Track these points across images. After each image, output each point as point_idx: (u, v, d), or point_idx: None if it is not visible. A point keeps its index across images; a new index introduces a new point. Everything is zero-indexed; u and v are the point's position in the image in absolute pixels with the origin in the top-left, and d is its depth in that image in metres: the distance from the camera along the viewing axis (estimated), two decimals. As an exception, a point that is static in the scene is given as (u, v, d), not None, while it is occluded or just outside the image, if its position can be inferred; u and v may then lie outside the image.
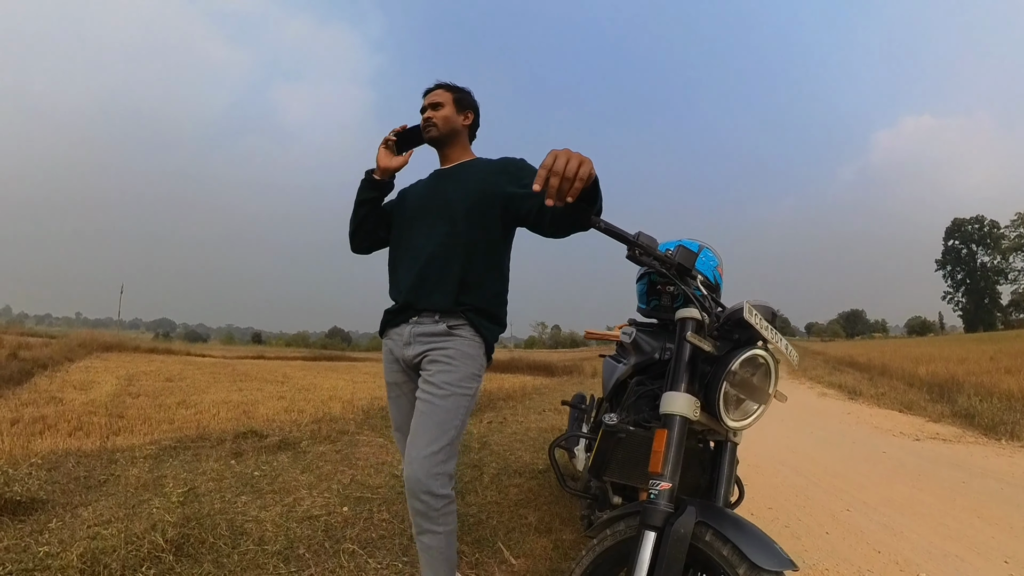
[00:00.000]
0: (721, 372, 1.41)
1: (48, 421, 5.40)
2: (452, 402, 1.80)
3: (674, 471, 1.35)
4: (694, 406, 1.42)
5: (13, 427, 4.99)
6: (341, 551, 2.58)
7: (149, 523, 2.55)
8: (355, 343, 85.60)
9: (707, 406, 1.44)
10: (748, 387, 1.46)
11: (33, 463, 3.57)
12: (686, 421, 1.40)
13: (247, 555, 2.47)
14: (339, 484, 3.56)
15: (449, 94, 2.06)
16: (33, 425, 5.17)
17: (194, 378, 11.10)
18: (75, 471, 3.52)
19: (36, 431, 4.98)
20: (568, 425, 3.36)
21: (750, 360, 1.44)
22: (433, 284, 1.89)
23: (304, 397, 8.92)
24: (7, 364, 9.18)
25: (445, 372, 1.82)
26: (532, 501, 3.31)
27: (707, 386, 1.45)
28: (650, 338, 1.83)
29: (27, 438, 4.61)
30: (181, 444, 4.43)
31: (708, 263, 1.91)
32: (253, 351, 31.09)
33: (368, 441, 4.89)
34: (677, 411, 1.40)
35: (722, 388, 1.40)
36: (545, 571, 2.47)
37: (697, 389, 1.46)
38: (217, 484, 3.42)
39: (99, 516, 2.75)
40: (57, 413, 5.84)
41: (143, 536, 2.41)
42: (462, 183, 1.97)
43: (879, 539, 2.92)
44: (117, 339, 20.04)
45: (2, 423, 5.07)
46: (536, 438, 5.27)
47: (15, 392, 7.23)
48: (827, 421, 6.38)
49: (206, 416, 6.53)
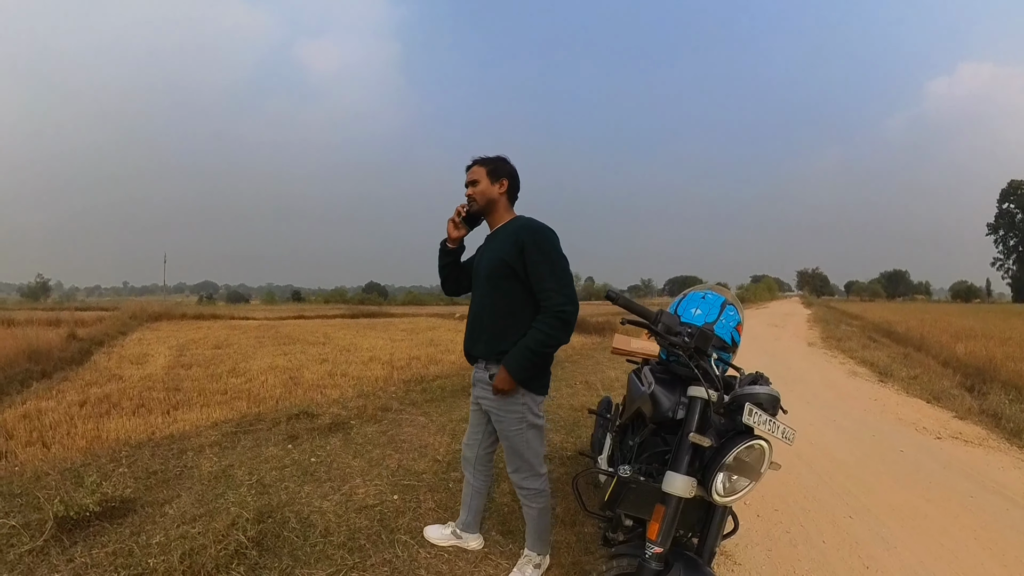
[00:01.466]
0: (717, 462, 1.66)
1: (112, 400, 5.92)
2: (511, 442, 2.40)
3: (666, 539, 1.69)
4: (691, 486, 1.69)
5: (82, 409, 5.50)
6: (395, 541, 2.93)
7: (229, 519, 2.93)
8: (391, 297, 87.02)
9: (703, 482, 1.70)
10: (742, 467, 1.69)
11: (113, 457, 4.03)
12: (682, 500, 1.70)
13: (316, 547, 2.83)
14: (388, 470, 3.92)
15: (483, 169, 2.41)
16: (99, 405, 5.69)
17: (240, 344, 11.71)
18: (151, 464, 3.94)
19: (103, 411, 5.49)
20: (593, 431, 3.56)
21: (746, 448, 1.67)
22: (477, 337, 2.43)
23: (346, 359, 9.43)
24: (67, 345, 9.80)
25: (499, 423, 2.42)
26: (559, 491, 3.58)
27: (705, 467, 1.70)
28: (668, 391, 1.96)
29: (96, 420, 5.11)
30: (240, 428, 4.85)
31: (728, 324, 2.00)
32: (294, 310, 32.19)
33: (411, 420, 5.26)
34: (675, 492, 1.69)
35: (717, 477, 1.66)
36: (568, 563, 2.77)
37: (696, 469, 1.73)
38: (280, 473, 3.81)
39: (183, 514, 3.12)
40: (119, 391, 6.37)
41: (227, 534, 2.79)
42: (492, 250, 2.39)
43: (872, 553, 2.95)
44: (164, 307, 21.16)
45: (72, 406, 5.58)
46: (566, 417, 5.51)
47: (78, 372, 7.81)
48: (852, 408, 6.28)
49: (256, 384, 7.03)
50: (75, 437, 4.54)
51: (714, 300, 2.07)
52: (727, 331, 1.99)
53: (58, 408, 5.44)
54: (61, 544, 2.75)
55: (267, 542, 2.82)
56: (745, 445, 1.65)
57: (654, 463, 1.94)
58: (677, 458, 1.72)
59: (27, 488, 3.39)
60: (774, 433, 1.66)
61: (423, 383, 7.05)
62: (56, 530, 2.81)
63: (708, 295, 2.10)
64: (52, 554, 2.67)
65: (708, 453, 1.71)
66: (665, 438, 1.98)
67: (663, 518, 1.69)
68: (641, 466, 1.94)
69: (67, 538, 2.80)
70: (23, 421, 4.94)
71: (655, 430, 2.02)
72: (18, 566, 2.56)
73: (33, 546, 2.70)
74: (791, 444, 1.71)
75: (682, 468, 1.70)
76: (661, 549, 1.68)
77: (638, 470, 1.90)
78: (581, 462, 4.12)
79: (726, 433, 1.75)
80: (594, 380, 7.52)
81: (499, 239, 2.37)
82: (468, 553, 2.85)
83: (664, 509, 1.70)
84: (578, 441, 4.71)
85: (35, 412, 5.25)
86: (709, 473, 1.67)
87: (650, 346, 3.05)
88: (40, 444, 4.39)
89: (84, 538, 2.82)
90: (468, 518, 2.88)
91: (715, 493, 1.67)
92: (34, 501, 3.18)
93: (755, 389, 1.71)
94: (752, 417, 1.63)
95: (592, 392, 6.78)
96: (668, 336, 1.82)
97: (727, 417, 1.74)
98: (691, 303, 2.09)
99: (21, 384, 6.73)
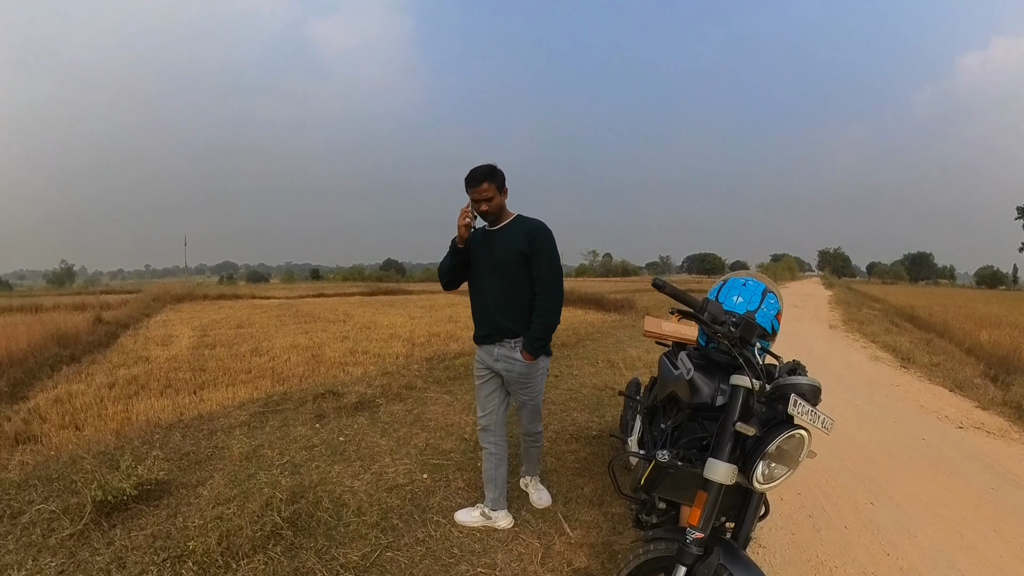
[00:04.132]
0: (759, 451, 1.67)
1: (140, 382, 6.02)
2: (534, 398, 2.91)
3: (707, 524, 1.70)
4: (732, 473, 1.70)
5: (111, 391, 5.60)
6: (428, 520, 2.95)
7: (263, 500, 2.95)
8: (409, 274, 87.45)
9: (743, 469, 1.71)
10: (782, 456, 1.70)
11: (146, 439, 4.08)
12: (723, 487, 1.71)
13: (350, 527, 2.85)
14: (416, 449, 3.93)
15: (492, 185, 2.66)
16: (128, 387, 5.78)
17: (262, 323, 11.84)
18: (183, 445, 3.99)
19: (132, 392, 5.59)
20: (622, 413, 3.55)
21: (787, 438, 1.67)
22: (504, 316, 2.75)
23: (367, 336, 9.49)
24: (94, 329, 9.98)
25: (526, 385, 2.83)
26: (587, 471, 3.59)
27: (747, 455, 1.71)
28: (707, 378, 1.95)
29: (126, 401, 5.20)
30: (268, 408, 4.89)
31: (769, 312, 1.97)
32: (313, 288, 32.57)
33: (435, 399, 5.27)
34: (717, 479, 1.69)
35: (759, 465, 1.66)
36: (598, 542, 2.77)
37: (738, 456, 1.73)
38: (309, 453, 3.84)
39: (218, 496, 3.16)
40: (147, 372, 6.47)
41: (262, 515, 2.81)
42: (506, 243, 2.72)
43: (892, 540, 2.93)
44: (186, 289, 21.45)
45: (101, 388, 5.68)
46: (589, 396, 5.49)
47: (106, 355, 7.94)
48: (874, 393, 6.16)
49: (279, 363, 7.11)
50: (106, 419, 4.62)
51: (755, 287, 2.03)
52: (768, 320, 1.96)
53: (88, 391, 5.53)
54: (100, 528, 2.80)
55: (301, 522, 2.84)
56: (787, 435, 1.67)
57: (692, 448, 1.94)
58: (719, 445, 1.73)
59: (63, 472, 3.45)
60: (815, 423, 1.69)
61: (445, 360, 7.04)
62: (95, 514, 2.85)
63: (749, 282, 2.06)
64: (93, 538, 2.71)
65: (750, 442, 1.72)
66: (703, 424, 1.98)
67: (704, 504, 1.71)
68: (679, 451, 1.93)
69: (106, 522, 2.84)
70: (55, 405, 5.03)
71: (691, 415, 2.01)
72: (60, 551, 2.60)
73: (74, 530, 2.75)
74: (829, 434, 1.72)
75: (724, 455, 1.71)
76: (702, 535, 1.70)
77: (676, 455, 1.89)
78: (607, 442, 4.11)
79: (767, 422, 1.76)
80: (616, 359, 7.42)
81: (509, 234, 2.73)
82: (499, 532, 2.86)
83: (706, 496, 1.71)
84: (602, 421, 4.69)
85: (66, 396, 5.35)
86: (751, 461, 1.68)
87: (681, 329, 3.02)
88: (73, 427, 4.47)
89: (122, 521, 2.87)
90: (495, 494, 2.92)
91: (756, 481, 1.68)
92: (71, 486, 3.23)
93: (798, 379, 1.74)
94: (796, 408, 1.66)
95: (615, 371, 6.69)
96: (714, 325, 1.82)
97: (768, 406, 1.77)
98: (732, 290, 2.05)
99: (51, 368, 6.87)
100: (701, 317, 1.85)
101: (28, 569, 2.47)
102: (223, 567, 2.46)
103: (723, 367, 1.92)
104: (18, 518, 2.91)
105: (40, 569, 2.47)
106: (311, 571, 2.47)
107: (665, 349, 2.58)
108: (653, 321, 3.27)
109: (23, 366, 6.76)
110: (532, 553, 2.68)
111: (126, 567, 2.49)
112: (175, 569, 2.46)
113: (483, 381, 2.91)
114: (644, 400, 2.87)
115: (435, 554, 2.65)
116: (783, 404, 1.70)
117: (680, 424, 2.07)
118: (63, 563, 2.51)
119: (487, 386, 2.90)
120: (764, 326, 1.91)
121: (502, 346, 2.78)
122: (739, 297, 2.00)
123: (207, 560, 2.48)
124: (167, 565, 2.49)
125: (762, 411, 1.78)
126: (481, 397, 2.93)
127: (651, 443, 2.37)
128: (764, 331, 1.90)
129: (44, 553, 2.59)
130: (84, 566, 2.49)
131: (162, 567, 2.48)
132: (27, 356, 7.18)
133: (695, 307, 1.88)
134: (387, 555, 2.63)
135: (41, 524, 2.83)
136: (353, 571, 2.49)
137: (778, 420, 1.75)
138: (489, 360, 2.84)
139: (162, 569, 2.47)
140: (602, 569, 2.55)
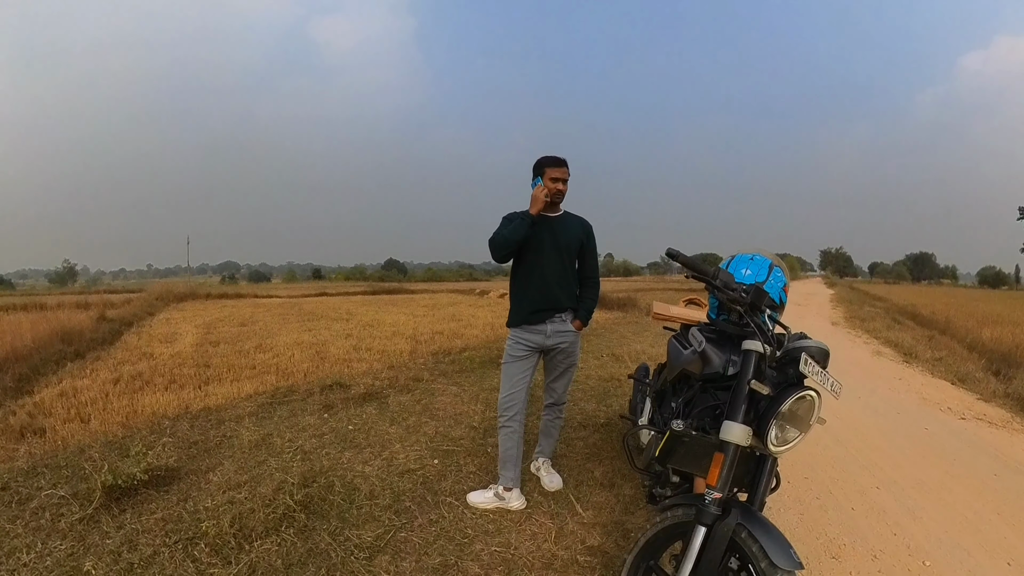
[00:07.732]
0: (773, 411, 1.71)
1: (144, 377, 5.97)
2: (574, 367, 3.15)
3: (725, 484, 1.73)
4: (747, 435, 1.75)
5: (116, 386, 5.55)
6: (440, 503, 2.92)
7: (275, 484, 2.93)
8: (411, 273, 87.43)
9: (758, 432, 1.76)
10: (793, 418, 1.76)
11: (154, 429, 4.05)
12: (739, 447, 1.75)
13: (363, 509, 2.83)
14: (425, 436, 3.91)
15: (568, 170, 2.86)
16: (133, 382, 5.73)
17: (265, 321, 11.80)
18: (191, 434, 3.97)
19: (136, 387, 5.54)
20: (632, 397, 3.59)
21: (798, 399, 1.72)
22: (561, 292, 2.94)
23: (370, 334, 9.45)
24: (98, 327, 9.94)
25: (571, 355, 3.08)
26: (596, 455, 3.60)
27: (760, 417, 1.76)
28: (718, 350, 2.01)
29: (131, 396, 5.15)
30: (275, 400, 4.86)
31: (776, 284, 2.05)
32: (315, 288, 32.61)
33: (443, 390, 5.25)
34: (733, 440, 1.74)
35: (772, 426, 1.70)
36: (609, 523, 2.77)
37: (752, 419, 1.77)
38: (319, 440, 3.81)
39: (228, 481, 3.14)
40: (151, 368, 6.42)
41: (274, 498, 2.79)
42: (570, 231, 2.96)
43: (898, 521, 2.97)
44: (189, 288, 21.41)
45: (106, 383, 5.63)
46: (596, 387, 5.50)
47: (110, 352, 7.89)
48: (877, 385, 6.18)
49: (283, 359, 7.07)
50: (111, 412, 4.58)
51: (762, 262, 2.12)
52: (775, 291, 2.04)
53: (93, 386, 5.49)
54: (110, 512, 2.77)
55: (314, 505, 2.82)
56: (799, 395, 1.72)
57: (705, 417, 1.99)
58: (734, 408, 1.77)
59: (71, 460, 3.42)
60: (824, 384, 1.77)
61: (451, 355, 7.03)
62: (105, 499, 2.83)
63: (756, 257, 2.15)
64: (103, 521, 2.68)
65: (763, 404, 1.77)
66: (715, 394, 2.04)
67: (722, 465, 1.75)
68: (693, 420, 1.98)
69: (116, 506, 2.82)
70: (60, 399, 4.99)
71: (703, 387, 2.08)
72: (70, 534, 2.58)
73: (83, 515, 2.72)
74: (838, 398, 1.78)
75: (739, 417, 1.75)
76: (720, 494, 1.73)
77: (690, 424, 1.94)
78: (615, 429, 4.11)
79: (778, 386, 1.81)
80: (621, 352, 7.52)
81: (570, 225, 2.99)
82: (512, 513, 2.84)
83: (723, 457, 1.75)
84: (609, 410, 4.70)
85: (71, 390, 5.32)
86: (764, 422, 1.73)
87: (689, 312, 3.06)
88: (78, 420, 4.44)
89: (132, 505, 2.84)
90: (513, 472, 2.92)
91: (770, 443, 1.73)
92: (80, 472, 3.21)
93: (807, 342, 1.84)
94: (807, 367, 1.72)
95: (620, 363, 6.76)
96: (726, 291, 1.88)
97: (779, 371, 1.84)
98: (741, 264, 2.14)
99: (56, 364, 6.84)
100: (714, 283, 1.91)
101: (37, 552, 2.44)
102: (236, 548, 2.44)
103: (733, 339, 1.99)
104: (27, 503, 2.88)
105: (50, 552, 2.44)
106: (325, 552, 2.45)
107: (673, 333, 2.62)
108: (662, 305, 3.29)
109: (28, 362, 6.72)
110: (545, 532, 2.67)
111: (137, 549, 2.45)
112: (187, 551, 2.44)
113: (519, 359, 2.94)
114: (653, 383, 2.91)
115: (449, 534, 2.63)
116: (793, 368, 1.76)
117: (692, 398, 2.13)
118: (73, 546, 2.48)
119: (522, 364, 2.94)
120: (772, 297, 1.98)
121: (553, 321, 2.94)
122: (747, 270, 2.10)
123: (220, 542, 2.46)
124: (179, 547, 2.47)
125: (773, 376, 1.85)
126: (512, 374, 2.94)
127: (662, 423, 2.42)
128: (773, 302, 1.96)
129: (53, 536, 2.56)
130: (94, 549, 2.47)
131: (174, 548, 2.45)
132: (31, 352, 7.15)
133: (708, 275, 1.94)
134: (401, 535, 2.61)
135: (50, 509, 2.81)
136: (368, 551, 2.47)
137: (788, 383, 1.81)
138: (538, 338, 2.92)
139: (174, 551, 2.44)
140: (615, 547, 2.54)
